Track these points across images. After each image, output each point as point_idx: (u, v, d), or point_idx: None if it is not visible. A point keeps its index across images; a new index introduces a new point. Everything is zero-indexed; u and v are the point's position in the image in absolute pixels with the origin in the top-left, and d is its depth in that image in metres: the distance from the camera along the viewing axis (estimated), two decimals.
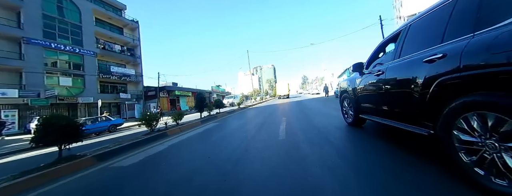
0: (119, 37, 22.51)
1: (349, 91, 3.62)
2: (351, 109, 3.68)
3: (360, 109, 3.24)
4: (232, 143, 3.35)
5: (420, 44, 1.82)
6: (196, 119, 7.41)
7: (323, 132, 3.51)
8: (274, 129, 4.23)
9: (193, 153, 3.05)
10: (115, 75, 20.68)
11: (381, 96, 2.38)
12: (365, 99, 2.96)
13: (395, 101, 2.12)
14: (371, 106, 2.80)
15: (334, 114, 5.85)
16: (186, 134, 4.98)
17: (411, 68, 1.79)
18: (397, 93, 2.02)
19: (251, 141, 3.33)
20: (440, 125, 1.44)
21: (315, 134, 3.39)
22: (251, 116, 8.01)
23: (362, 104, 3.13)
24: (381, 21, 17.10)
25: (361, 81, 3.12)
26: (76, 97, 17.22)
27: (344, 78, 29.10)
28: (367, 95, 2.88)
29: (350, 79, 3.87)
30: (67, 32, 17.40)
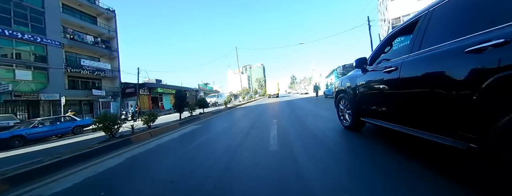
0: (92, 26, 20.21)
1: (348, 91, 3.19)
2: (349, 111, 3.24)
3: (361, 112, 2.82)
4: (211, 156, 2.56)
5: (453, 31, 1.43)
6: (173, 121, 6.43)
7: (321, 139, 2.89)
8: (264, 135, 3.51)
9: (153, 172, 2.22)
10: (86, 69, 18.51)
11: (392, 97, 2.00)
12: (369, 100, 2.57)
13: (414, 104, 1.73)
14: (377, 108, 2.40)
15: (327, 115, 5.33)
16: (156, 140, 4.07)
17: (441, 61, 1.42)
18: (418, 94, 1.64)
19: (236, 153, 2.57)
20: (498, 138, 1.04)
21: (312, 143, 2.74)
22: (239, 117, 7.23)
23: (365, 106, 2.71)
24: (369, 22, 17.23)
25: (364, 79, 2.72)
26: (38, 93, 15.00)
27: (332, 78, 29.65)
28: (371, 95, 2.49)
29: (349, 77, 3.37)
30: (26, 18, 15.03)
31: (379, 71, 2.29)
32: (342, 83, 3.55)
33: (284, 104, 11.64)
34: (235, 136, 3.73)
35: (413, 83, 1.69)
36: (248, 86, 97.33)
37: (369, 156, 2.02)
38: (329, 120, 4.52)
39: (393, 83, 1.96)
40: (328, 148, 2.43)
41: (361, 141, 2.62)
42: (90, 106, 19.55)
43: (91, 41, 20.00)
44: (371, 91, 2.50)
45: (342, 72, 24.07)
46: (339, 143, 2.67)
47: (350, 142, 2.65)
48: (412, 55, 1.75)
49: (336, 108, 3.86)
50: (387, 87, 2.10)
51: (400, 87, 1.85)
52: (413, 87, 1.71)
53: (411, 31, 1.97)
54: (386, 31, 24.29)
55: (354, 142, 2.63)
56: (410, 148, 2.10)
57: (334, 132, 3.30)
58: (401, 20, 20.29)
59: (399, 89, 1.87)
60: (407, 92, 1.77)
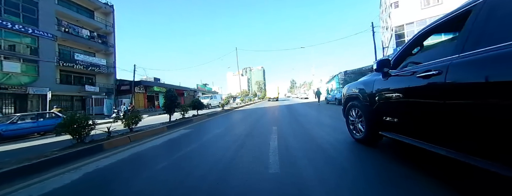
0: (89, 21, 19.59)
1: (361, 98, 2.77)
2: (362, 121, 2.79)
3: (379, 124, 2.39)
4: (192, 175, 1.95)
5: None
6: (162, 123, 5.78)
7: (332, 156, 2.34)
8: (262, 148, 2.90)
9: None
10: (80, 64, 17.81)
11: (430, 109, 1.61)
12: (393, 110, 2.18)
13: (467, 119, 1.32)
14: (404, 121, 2.02)
15: (333, 124, 4.77)
16: (134, 148, 3.43)
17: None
18: (477, 106, 1.26)
19: (224, 174, 1.96)
20: None
21: (322, 161, 2.19)
22: (235, 121, 6.61)
23: (386, 117, 2.29)
24: (373, 28, 16.92)
25: (386, 85, 2.29)
26: (26, 87, 14.25)
27: (333, 84, 29.27)
28: (396, 104, 2.10)
29: (364, 82, 2.92)
30: (18, 8, 14.38)
31: (407, 75, 1.92)
32: (354, 89, 3.13)
33: (284, 108, 11.05)
34: (227, 146, 3.11)
35: (468, 92, 1.31)
36: (247, 89, 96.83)
37: (399, 184, 1.43)
38: (336, 130, 3.95)
39: (433, 90, 1.58)
40: (342, 168, 1.87)
41: (382, 159, 2.06)
42: (82, 102, 18.77)
43: (87, 35, 19.36)
44: (395, 99, 2.09)
45: (343, 78, 23.66)
46: (355, 162, 2.10)
47: (369, 162, 2.06)
48: (465, 55, 1.37)
49: (345, 117, 3.39)
50: (422, 96, 1.73)
51: (445, 96, 1.45)
52: (467, 97, 1.31)
53: (456, 27, 1.67)
54: (389, 39, 24.07)
55: (374, 160, 2.06)
56: (442, 169, 1.51)
57: (345, 147, 2.74)
58: (404, 28, 20.01)
59: (442, 99, 1.47)
60: (456, 103, 1.37)
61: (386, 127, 2.30)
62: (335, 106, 11.08)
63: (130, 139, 3.89)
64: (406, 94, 1.92)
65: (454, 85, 1.38)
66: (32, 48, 15.06)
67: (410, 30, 19.11)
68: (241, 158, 2.44)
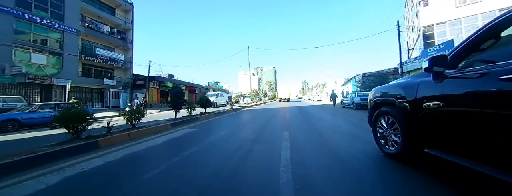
0: (110, 17, 20.42)
1: (399, 104, 2.27)
2: (397, 133, 2.31)
3: (427, 138, 1.89)
4: (182, 192, 1.54)
5: None
6: (167, 120, 5.54)
7: (362, 177, 1.81)
8: (271, 160, 2.43)
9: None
10: (100, 58, 18.62)
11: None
12: (451, 123, 1.65)
13: None
14: (470, 140, 1.49)
15: (354, 131, 4.18)
16: (131, 147, 3.13)
17: None
18: None
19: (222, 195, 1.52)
20: None
21: (351, 184, 1.63)
22: (243, 123, 6.19)
23: (437, 131, 1.80)
24: (398, 27, 15.53)
25: (440, 89, 1.80)
26: (51, 78, 15.13)
27: (349, 87, 27.71)
28: (458, 115, 1.58)
29: (402, 84, 2.39)
30: (46, 4, 15.30)
31: (476, 77, 1.47)
32: (386, 93, 2.66)
33: (296, 110, 10.43)
34: (230, 154, 2.67)
35: None
36: (258, 88, 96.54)
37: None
38: (360, 140, 3.36)
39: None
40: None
41: (434, 186, 1.46)
42: (101, 95, 19.65)
43: (107, 31, 20.20)
44: (455, 108, 1.61)
45: (361, 81, 22.22)
46: (395, 188, 1.53)
47: (404, 182, 1.49)
48: None
49: (371, 126, 2.91)
50: (504, 106, 1.24)
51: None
52: None
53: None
54: (415, 40, 22.16)
55: (417, 183, 1.47)
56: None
57: (376, 163, 2.19)
58: (434, 29, 18.15)
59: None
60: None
61: (436, 144, 1.80)
62: (353, 111, 10.22)
63: (130, 137, 3.63)
64: (475, 102, 1.44)
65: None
66: (57, 41, 15.97)
67: (440, 30, 17.27)
68: (245, 173, 1.99)
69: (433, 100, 1.90)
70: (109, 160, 2.51)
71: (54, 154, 2.45)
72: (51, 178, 1.97)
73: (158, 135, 4.04)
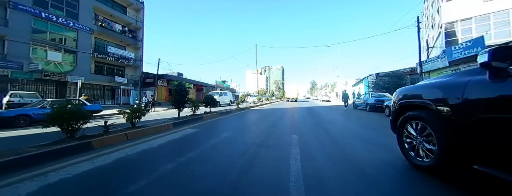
0: (121, 16, 20.86)
1: (436, 108, 1.88)
2: (432, 142, 1.94)
3: (476, 152, 1.52)
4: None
5: None
6: (169, 120, 5.33)
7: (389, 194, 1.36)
8: (280, 170, 2.07)
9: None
10: (112, 56, 19.06)
11: None
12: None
13: None
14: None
15: (373, 137, 3.76)
16: (124, 150, 2.89)
17: None
18: None
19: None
20: None
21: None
22: (248, 124, 5.87)
23: (495, 145, 1.40)
24: (418, 24, 14.46)
25: (501, 89, 1.40)
26: (65, 75, 15.66)
27: (361, 87, 26.54)
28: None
29: (442, 84, 2.02)
30: (62, 3, 15.81)
31: None
32: (416, 94, 2.29)
33: (304, 111, 9.95)
34: (232, 161, 2.35)
35: None
36: (265, 88, 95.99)
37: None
38: (380, 147, 2.95)
39: None
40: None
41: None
42: (112, 92, 20.17)
43: (119, 29, 20.65)
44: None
45: (374, 81, 21.13)
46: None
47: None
48: None
49: (395, 132, 2.56)
50: None
51: None
52: None
53: None
54: (435, 38, 20.70)
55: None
56: None
57: (406, 177, 1.81)
58: (458, 26, 16.74)
59: None
60: None
61: (492, 160, 1.45)
62: (366, 113, 9.57)
63: (128, 137, 3.41)
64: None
65: None
66: (72, 39, 16.50)
67: (465, 27, 15.87)
68: (248, 189, 1.64)
69: (490, 104, 1.49)
70: (98, 164, 2.26)
71: (40, 156, 2.25)
72: (29, 186, 1.74)
73: (157, 136, 3.80)
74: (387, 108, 8.63)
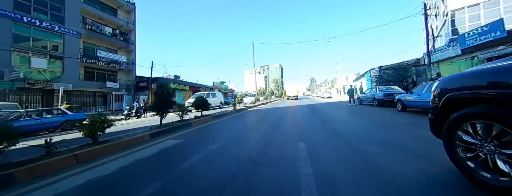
0: (111, 18, 20.00)
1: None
2: None
3: None
4: None
5: None
6: (148, 129, 4.46)
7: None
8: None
9: None
10: (102, 60, 18.21)
11: None
12: None
13: None
14: None
15: (396, 140, 2.96)
16: (62, 181, 2.03)
17: None
18: None
19: None
20: None
21: None
22: (243, 129, 5.00)
23: None
24: (425, 11, 13.54)
25: None
26: (51, 82, 14.81)
27: (363, 82, 25.66)
28: None
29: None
30: (46, 6, 14.95)
31: None
32: (479, 83, 1.61)
33: (307, 110, 9.07)
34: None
35: None
36: (264, 87, 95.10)
37: None
38: (414, 155, 2.16)
39: None
40: None
41: None
42: (104, 98, 19.33)
43: (109, 32, 19.79)
44: None
45: (377, 75, 20.24)
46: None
47: None
48: None
49: (437, 135, 1.97)
50: None
51: None
52: None
53: None
54: (439, 27, 19.76)
55: None
56: None
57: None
58: (465, 12, 15.78)
59: None
60: None
61: None
62: (375, 109, 8.69)
63: (78, 159, 2.54)
64: None
65: None
66: (58, 45, 15.65)
67: (473, 14, 14.94)
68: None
69: None
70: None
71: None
72: None
73: (123, 153, 2.94)
74: (399, 102, 7.78)
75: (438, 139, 1.96)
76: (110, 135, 3.80)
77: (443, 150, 1.81)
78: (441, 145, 1.84)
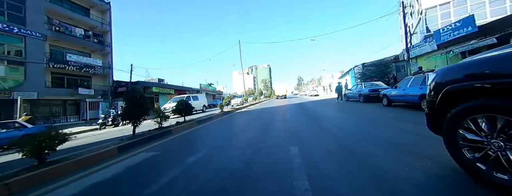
0: (84, 19, 18.36)
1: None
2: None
3: None
4: None
5: None
6: (118, 140, 3.85)
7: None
8: None
9: None
10: (73, 65, 16.56)
11: None
12: None
13: None
14: None
15: (388, 136, 2.82)
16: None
17: None
18: None
19: None
20: None
21: None
22: (229, 134, 4.58)
23: None
24: (403, 9, 14.15)
25: None
26: (11, 92, 13.08)
27: (347, 79, 26.46)
28: None
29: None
30: (2, 6, 13.22)
31: None
32: (485, 72, 1.42)
33: (297, 109, 8.86)
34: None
35: None
36: (253, 87, 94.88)
37: None
38: (411, 152, 1.96)
39: None
40: None
41: None
42: (77, 106, 17.62)
43: (81, 34, 18.15)
44: None
45: (361, 71, 20.91)
46: None
47: None
48: None
49: (441, 133, 1.71)
50: None
51: None
52: None
53: None
54: (414, 25, 20.92)
55: None
56: None
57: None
58: (437, 10, 16.83)
59: None
60: None
61: None
62: (361, 105, 8.74)
63: (10, 190, 1.95)
64: None
65: None
66: (18, 48, 13.90)
67: (444, 12, 16.02)
68: None
69: None
70: None
71: None
72: None
73: (77, 176, 2.37)
74: (384, 98, 7.88)
75: (432, 134, 1.82)
76: (69, 151, 3.17)
77: (441, 146, 1.62)
78: (436, 140, 1.63)
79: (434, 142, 2.21)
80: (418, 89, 5.99)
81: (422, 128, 3.22)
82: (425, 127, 1.88)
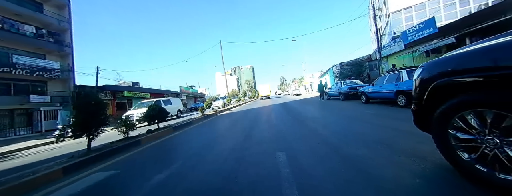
0: (35, 15, 15.84)
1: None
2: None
3: None
4: None
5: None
6: (65, 159, 3.11)
7: None
8: None
9: None
10: (21, 68, 14.10)
11: None
12: None
13: None
14: None
15: (374, 135, 2.67)
16: None
17: None
18: None
19: None
20: None
21: None
22: (208, 141, 4.11)
23: None
24: (374, 11, 15.12)
25: None
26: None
27: (327, 78, 27.63)
28: None
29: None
30: None
31: None
32: (475, 65, 1.30)
33: (281, 109, 8.69)
34: None
35: None
36: (237, 88, 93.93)
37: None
38: (407, 153, 1.69)
39: None
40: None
41: None
42: (29, 116, 15.05)
43: (32, 32, 15.62)
44: None
45: (339, 71, 21.91)
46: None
47: None
48: None
49: (423, 129, 1.70)
50: None
51: None
52: None
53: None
54: (383, 28, 22.70)
55: None
56: None
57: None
58: (402, 14, 18.43)
59: None
60: None
61: None
62: (342, 102, 8.96)
63: None
64: None
65: None
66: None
67: (407, 15, 17.67)
68: None
69: None
70: None
71: None
72: None
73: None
74: (363, 95, 8.17)
75: (417, 130, 1.74)
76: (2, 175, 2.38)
77: (430, 144, 1.51)
78: (423, 137, 1.48)
79: (420, 139, 2.10)
80: (393, 86, 6.24)
81: (400, 124, 3.24)
82: (407, 123, 1.74)
